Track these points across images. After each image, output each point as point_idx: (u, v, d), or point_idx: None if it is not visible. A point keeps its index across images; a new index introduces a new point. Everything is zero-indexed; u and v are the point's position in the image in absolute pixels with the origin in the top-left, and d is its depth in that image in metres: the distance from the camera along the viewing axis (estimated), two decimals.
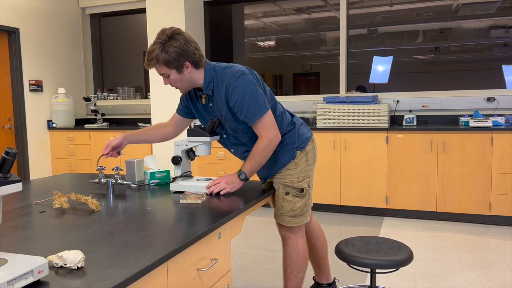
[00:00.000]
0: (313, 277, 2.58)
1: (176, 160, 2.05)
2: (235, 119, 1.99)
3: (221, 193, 1.92)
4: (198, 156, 1.97)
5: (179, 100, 2.29)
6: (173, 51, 1.83)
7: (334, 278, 2.59)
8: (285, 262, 2.22)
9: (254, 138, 2.00)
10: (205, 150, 2.08)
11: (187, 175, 2.10)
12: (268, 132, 1.93)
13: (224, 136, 2.15)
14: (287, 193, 2.10)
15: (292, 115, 2.20)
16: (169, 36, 1.84)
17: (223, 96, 1.94)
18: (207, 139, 2.03)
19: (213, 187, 1.92)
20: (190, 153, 2.12)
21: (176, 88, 1.97)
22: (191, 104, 2.18)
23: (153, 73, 5.21)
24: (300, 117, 5.12)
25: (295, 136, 2.10)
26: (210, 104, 2.03)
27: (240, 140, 2.10)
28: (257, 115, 1.90)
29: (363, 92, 5.13)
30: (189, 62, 1.88)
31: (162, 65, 1.86)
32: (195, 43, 1.92)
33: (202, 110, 2.12)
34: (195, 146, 2.09)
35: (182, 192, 1.96)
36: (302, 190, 2.12)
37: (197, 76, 1.95)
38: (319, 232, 2.50)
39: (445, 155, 4.08)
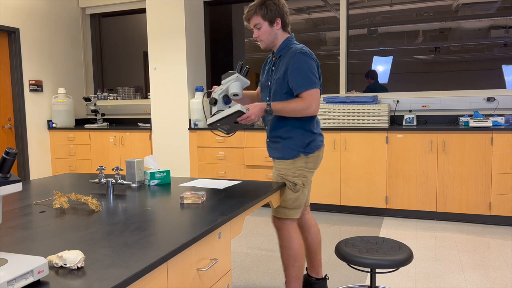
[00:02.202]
0: (306, 267, 2.66)
1: (212, 100, 2.19)
2: (281, 85, 2.21)
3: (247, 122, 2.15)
4: (233, 94, 2.18)
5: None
6: (271, 5, 2.20)
7: (326, 275, 2.62)
8: (281, 254, 2.35)
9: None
10: (236, 86, 2.19)
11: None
12: (309, 100, 2.13)
13: (267, 98, 2.34)
14: (277, 179, 2.31)
15: (318, 123, 2.34)
16: None
17: (285, 63, 2.19)
18: (235, 73, 2.20)
19: (245, 121, 2.12)
20: (225, 97, 2.22)
21: (261, 41, 2.27)
22: (262, 69, 2.45)
23: (153, 73, 5.21)
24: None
25: (306, 140, 2.25)
26: (273, 68, 2.30)
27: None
28: (306, 86, 2.12)
29: (373, 79, 5.11)
30: (280, 20, 2.23)
31: (259, 16, 2.22)
32: (288, 12, 2.27)
33: (264, 75, 2.40)
34: (228, 91, 2.22)
35: (216, 124, 2.17)
36: (295, 184, 2.26)
37: (280, 36, 2.27)
38: (312, 228, 2.55)
39: (445, 155, 4.08)
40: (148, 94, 5.97)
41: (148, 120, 5.78)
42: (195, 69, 5.25)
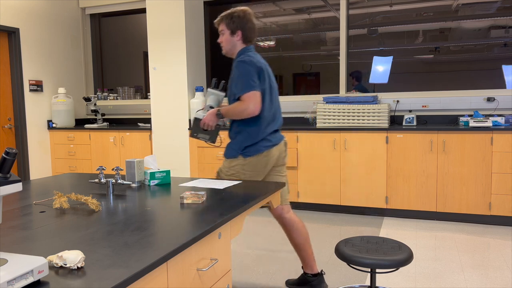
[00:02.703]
0: (301, 266, 2.73)
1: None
2: (231, 92, 2.47)
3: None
4: (209, 106, 2.61)
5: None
6: (236, 17, 2.48)
7: (321, 270, 2.66)
8: (290, 238, 2.58)
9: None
10: (211, 100, 2.61)
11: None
12: (247, 102, 2.33)
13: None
14: (217, 175, 2.57)
15: (269, 128, 2.47)
16: (240, 10, 2.51)
17: (233, 71, 2.47)
18: (208, 89, 2.65)
19: (205, 126, 2.49)
20: (210, 108, 2.60)
21: (222, 46, 2.58)
22: None
23: (153, 73, 5.22)
24: (300, 117, 5.14)
25: (245, 143, 2.44)
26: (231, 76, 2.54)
27: None
28: (243, 90, 2.34)
29: (357, 80, 5.15)
30: (241, 32, 2.49)
31: (224, 23, 2.52)
32: (255, 27, 2.53)
33: None
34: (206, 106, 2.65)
35: (194, 135, 2.58)
36: None
37: (239, 47, 2.53)
38: (296, 224, 2.60)
39: (445, 155, 4.08)
40: (148, 94, 5.97)
41: (148, 120, 5.78)
42: (195, 69, 5.25)
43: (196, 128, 2.54)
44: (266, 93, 2.43)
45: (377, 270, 2.78)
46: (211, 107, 2.53)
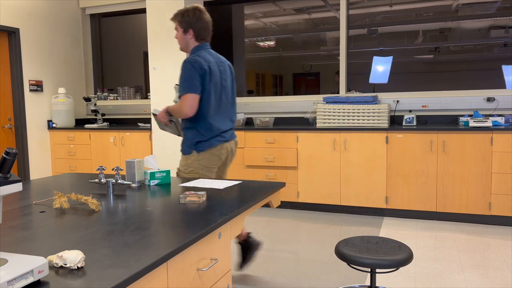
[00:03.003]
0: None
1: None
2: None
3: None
4: (174, 101, 2.75)
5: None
6: (187, 16, 2.57)
7: (248, 233, 2.84)
8: None
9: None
10: (176, 96, 2.73)
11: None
12: (182, 104, 2.46)
13: None
14: (177, 173, 2.65)
15: (218, 125, 2.57)
16: (192, 8, 2.62)
17: None
18: (176, 84, 2.72)
19: (161, 121, 2.63)
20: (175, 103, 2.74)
21: (178, 43, 2.65)
22: None
23: (153, 73, 5.22)
24: (300, 117, 5.14)
25: (196, 139, 2.55)
26: None
27: None
28: (182, 91, 2.46)
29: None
30: (192, 31, 2.57)
31: (177, 21, 2.61)
32: (208, 25, 2.62)
33: None
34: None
35: (160, 128, 2.75)
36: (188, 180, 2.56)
37: (192, 45, 2.60)
38: None
39: (445, 155, 4.08)
40: (148, 94, 5.97)
41: (148, 120, 5.78)
42: None
43: (159, 123, 2.69)
44: (212, 93, 2.51)
45: (377, 270, 2.78)
46: (175, 102, 2.66)
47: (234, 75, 2.76)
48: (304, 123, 5.12)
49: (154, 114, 2.66)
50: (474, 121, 4.08)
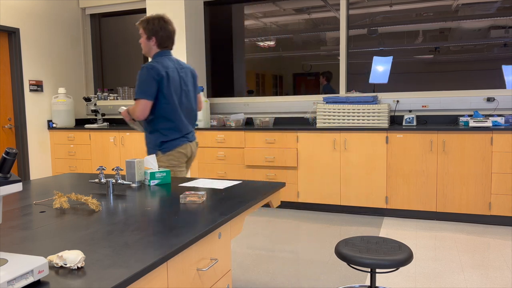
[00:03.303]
0: None
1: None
2: None
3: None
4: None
5: None
6: (151, 24, 2.68)
7: None
8: None
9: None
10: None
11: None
12: (135, 109, 2.59)
13: None
14: None
15: (181, 127, 2.70)
16: (156, 17, 2.71)
17: None
18: None
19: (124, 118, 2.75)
20: None
21: (142, 47, 2.77)
22: None
23: None
24: (300, 117, 5.14)
25: (159, 140, 2.67)
26: None
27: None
28: (136, 95, 2.58)
29: (327, 80, 5.45)
30: (155, 38, 2.69)
31: (141, 27, 2.72)
32: (171, 34, 2.73)
33: None
34: None
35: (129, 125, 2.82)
36: None
37: (154, 51, 2.72)
38: None
39: (445, 155, 4.08)
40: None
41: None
42: (195, 69, 5.25)
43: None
44: (172, 96, 2.64)
45: (377, 270, 2.78)
46: None
47: (196, 80, 2.91)
48: (304, 123, 5.12)
49: (120, 113, 2.81)
50: (474, 121, 4.08)
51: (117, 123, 6.14)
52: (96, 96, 6.02)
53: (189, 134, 2.79)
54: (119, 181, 2.09)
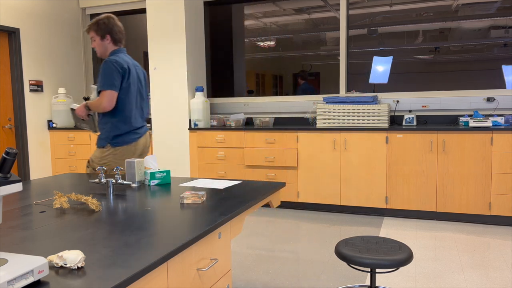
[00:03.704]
0: None
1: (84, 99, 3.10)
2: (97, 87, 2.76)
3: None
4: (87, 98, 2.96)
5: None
6: (101, 24, 2.77)
7: None
8: None
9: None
10: (95, 94, 2.86)
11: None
12: (101, 98, 2.65)
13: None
14: (88, 164, 2.85)
15: (134, 121, 2.82)
16: (104, 17, 2.79)
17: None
18: (91, 85, 3.04)
19: (79, 116, 2.81)
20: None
21: (96, 51, 2.85)
22: None
23: (153, 73, 5.22)
24: (300, 117, 5.14)
25: (112, 133, 2.74)
26: None
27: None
28: (101, 87, 2.66)
29: (303, 79, 5.65)
30: (109, 36, 2.79)
31: (93, 31, 2.79)
32: (122, 29, 2.86)
33: None
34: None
35: (76, 124, 2.97)
36: (94, 169, 2.80)
37: (110, 49, 2.82)
38: None
39: (445, 155, 4.08)
40: (148, 94, 5.96)
41: (148, 120, 5.78)
42: (195, 69, 5.25)
43: (76, 119, 2.88)
44: (130, 90, 2.75)
45: (377, 270, 2.78)
46: (87, 99, 2.92)
47: (147, 81, 3.06)
48: (304, 123, 5.12)
49: (73, 109, 2.85)
50: (474, 121, 4.08)
51: None
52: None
53: (141, 129, 2.89)
54: (119, 181, 2.09)
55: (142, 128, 2.92)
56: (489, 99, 4.42)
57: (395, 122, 4.77)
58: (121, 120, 2.76)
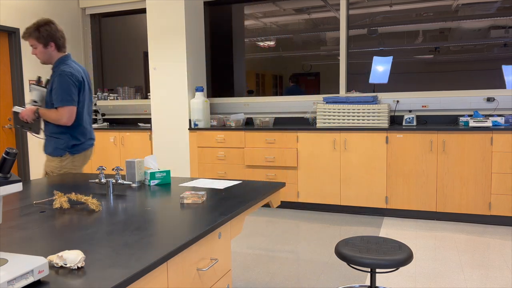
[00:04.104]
0: None
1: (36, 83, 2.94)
2: (50, 96, 2.70)
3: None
4: (33, 101, 2.87)
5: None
6: (43, 31, 2.65)
7: None
8: None
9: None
10: (34, 95, 2.85)
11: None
12: (61, 114, 2.62)
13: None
14: (46, 177, 2.73)
15: (88, 132, 2.85)
16: (44, 22, 2.67)
17: (53, 80, 2.68)
18: (32, 85, 2.89)
19: (24, 119, 2.72)
20: (34, 102, 2.87)
21: (39, 58, 2.73)
22: None
23: (153, 73, 5.22)
24: (300, 117, 5.14)
25: (71, 143, 2.75)
26: (49, 79, 2.78)
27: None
28: (60, 103, 2.61)
29: (293, 82, 5.70)
30: (53, 43, 2.68)
31: (33, 38, 2.65)
32: (64, 33, 2.75)
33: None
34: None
35: (17, 126, 2.88)
36: None
37: (55, 56, 2.72)
38: None
39: (445, 155, 4.08)
40: (148, 94, 5.97)
41: (148, 120, 5.78)
42: (195, 69, 5.25)
43: (18, 121, 2.82)
44: (86, 101, 2.76)
45: (377, 270, 2.78)
46: (35, 101, 2.82)
47: (89, 79, 3.01)
48: (304, 123, 5.12)
49: (16, 113, 2.81)
50: (474, 121, 4.08)
51: (117, 123, 6.14)
52: (96, 96, 6.02)
53: (92, 138, 2.94)
54: (119, 181, 2.09)
55: (93, 137, 2.97)
56: (489, 99, 4.42)
57: (395, 122, 4.77)
58: (80, 133, 2.78)
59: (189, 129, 5.07)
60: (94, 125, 5.64)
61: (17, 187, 1.05)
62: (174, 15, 5.03)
